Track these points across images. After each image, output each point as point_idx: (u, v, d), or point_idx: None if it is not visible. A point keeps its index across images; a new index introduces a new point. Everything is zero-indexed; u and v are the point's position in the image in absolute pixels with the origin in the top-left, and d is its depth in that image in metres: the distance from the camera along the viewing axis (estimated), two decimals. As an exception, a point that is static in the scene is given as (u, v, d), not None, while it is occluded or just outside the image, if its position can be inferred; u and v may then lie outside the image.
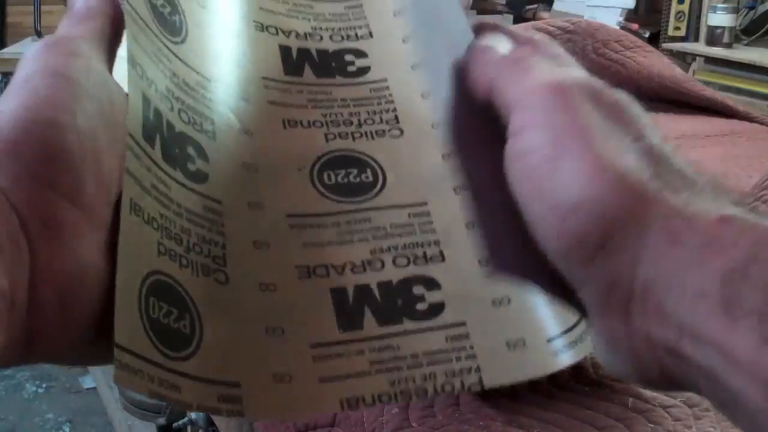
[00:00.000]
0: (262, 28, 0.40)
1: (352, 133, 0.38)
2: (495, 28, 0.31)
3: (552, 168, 0.25)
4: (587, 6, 2.88)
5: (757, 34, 2.55)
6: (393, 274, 0.34)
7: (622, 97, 0.28)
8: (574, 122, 0.25)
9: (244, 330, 0.30)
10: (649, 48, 1.13)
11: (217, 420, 0.80)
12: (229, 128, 0.35)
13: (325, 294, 0.33)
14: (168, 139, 0.31)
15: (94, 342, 0.27)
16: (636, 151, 0.25)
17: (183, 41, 0.34)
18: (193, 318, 0.28)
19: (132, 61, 0.30)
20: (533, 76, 0.27)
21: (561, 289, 0.26)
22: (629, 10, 2.83)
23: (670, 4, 2.72)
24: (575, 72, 0.28)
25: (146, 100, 0.30)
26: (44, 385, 1.88)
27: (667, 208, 0.24)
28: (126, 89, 0.30)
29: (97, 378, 1.75)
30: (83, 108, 0.28)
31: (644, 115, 0.28)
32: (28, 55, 0.29)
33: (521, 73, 0.28)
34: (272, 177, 0.35)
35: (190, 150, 0.32)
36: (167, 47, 0.33)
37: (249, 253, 0.32)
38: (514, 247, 0.27)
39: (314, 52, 0.40)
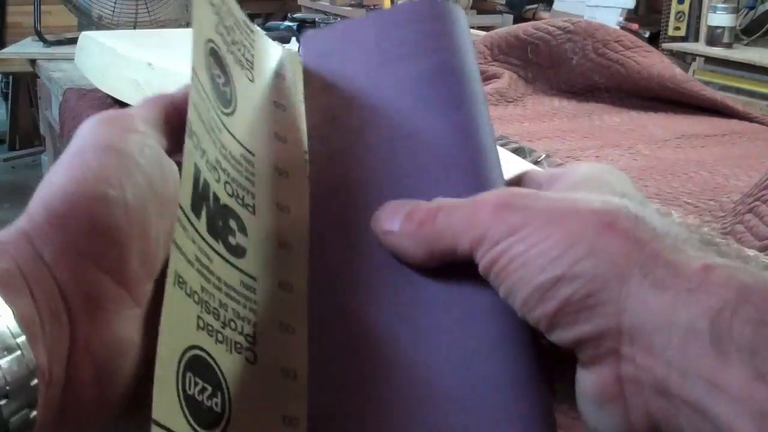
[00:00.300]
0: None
1: None
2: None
3: (526, 258, 0.26)
4: (587, 6, 2.88)
5: (757, 34, 2.55)
6: None
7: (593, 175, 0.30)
8: (531, 215, 0.27)
9: (264, 416, 0.29)
10: (649, 48, 1.12)
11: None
12: (268, 204, 0.34)
13: None
14: (213, 210, 0.30)
15: (127, 416, 0.27)
16: (608, 212, 0.26)
17: (232, 113, 0.34)
18: (224, 396, 0.27)
19: (189, 131, 0.29)
20: (475, 208, 0.28)
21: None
22: (629, 10, 2.83)
23: (670, 4, 2.72)
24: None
25: (197, 170, 0.29)
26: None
27: (646, 256, 0.25)
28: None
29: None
30: (133, 182, 0.27)
31: (619, 184, 0.30)
32: (83, 128, 0.29)
33: (454, 217, 0.29)
34: (305, 257, 0.34)
35: (232, 223, 0.31)
36: (219, 117, 0.32)
37: (275, 335, 0.31)
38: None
39: None
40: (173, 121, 0.32)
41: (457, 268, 0.29)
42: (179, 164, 0.29)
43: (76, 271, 0.26)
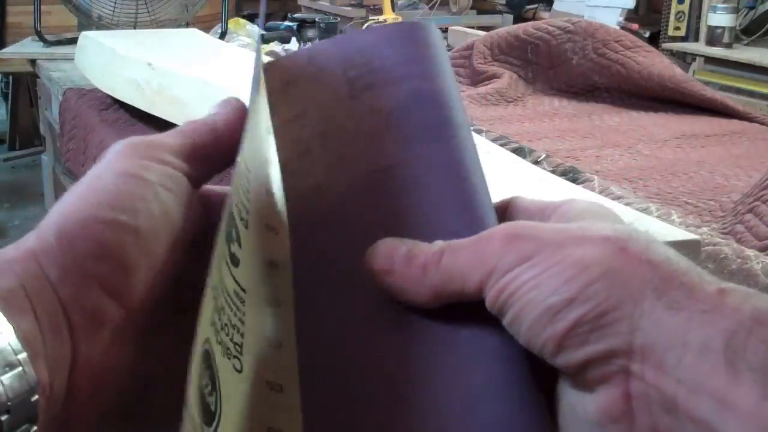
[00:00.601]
0: None
1: None
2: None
3: (537, 282, 0.26)
4: (587, 6, 2.88)
5: (757, 34, 2.56)
6: None
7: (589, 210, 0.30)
8: (542, 243, 0.27)
9: (248, 425, 0.29)
10: (649, 48, 1.12)
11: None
12: (257, 222, 0.33)
13: None
14: (228, 216, 0.30)
15: (124, 429, 0.28)
16: (620, 238, 0.26)
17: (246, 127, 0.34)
18: (217, 397, 0.27)
19: (249, 135, 0.29)
20: (482, 244, 0.28)
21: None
22: (629, 10, 2.84)
23: (670, 4, 2.72)
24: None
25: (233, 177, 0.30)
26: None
27: (659, 279, 0.25)
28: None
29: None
30: (148, 210, 0.28)
31: (618, 219, 0.30)
32: (108, 152, 0.30)
33: (461, 257, 0.28)
34: (291, 280, 0.33)
35: (233, 233, 0.31)
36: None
37: (262, 348, 0.31)
38: None
39: None
40: (208, 150, 0.32)
41: (458, 307, 0.28)
42: (206, 195, 0.30)
43: (79, 291, 0.26)
